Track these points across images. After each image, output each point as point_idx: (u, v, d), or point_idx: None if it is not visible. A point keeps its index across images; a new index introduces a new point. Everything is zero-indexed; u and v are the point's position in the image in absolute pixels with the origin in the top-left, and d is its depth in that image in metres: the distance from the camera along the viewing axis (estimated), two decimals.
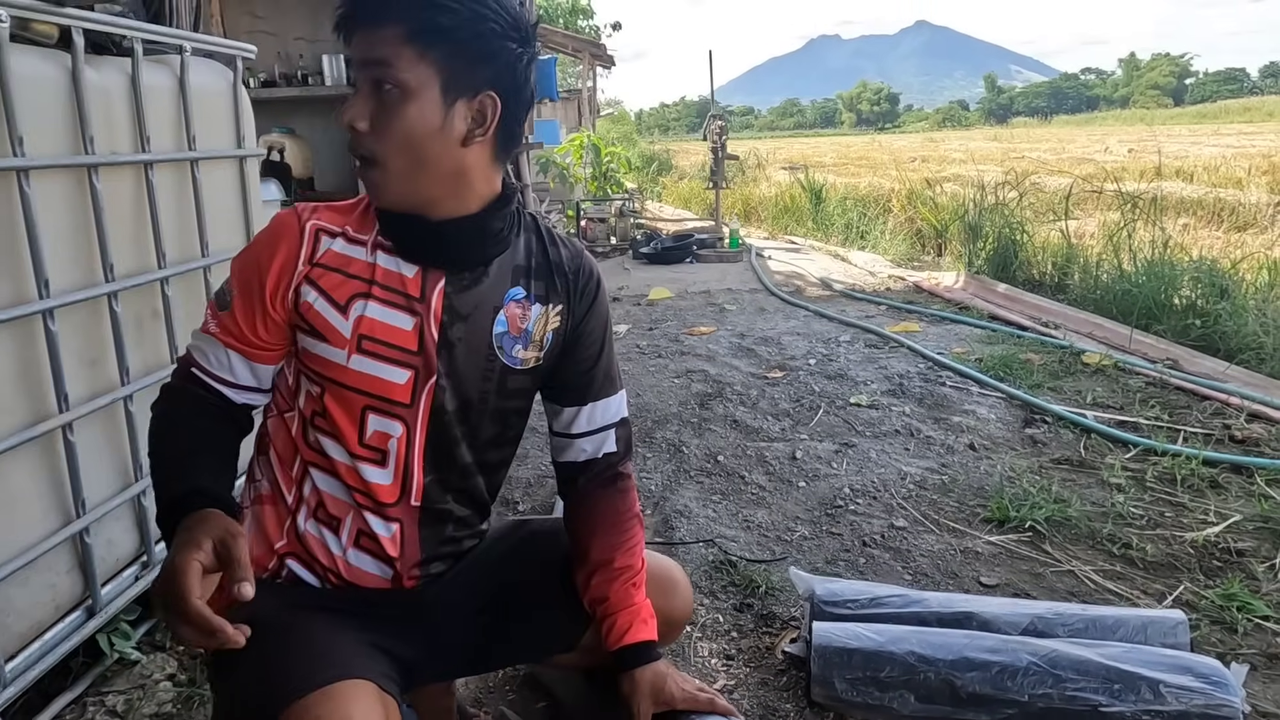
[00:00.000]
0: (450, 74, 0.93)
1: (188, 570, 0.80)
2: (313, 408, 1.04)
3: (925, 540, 2.06)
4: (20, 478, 1.39)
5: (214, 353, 1.02)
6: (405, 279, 1.02)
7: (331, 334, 1.00)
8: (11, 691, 1.35)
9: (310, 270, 1.00)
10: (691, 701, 1.14)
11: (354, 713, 0.85)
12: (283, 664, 0.90)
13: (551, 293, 1.11)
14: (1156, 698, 1.32)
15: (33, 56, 1.40)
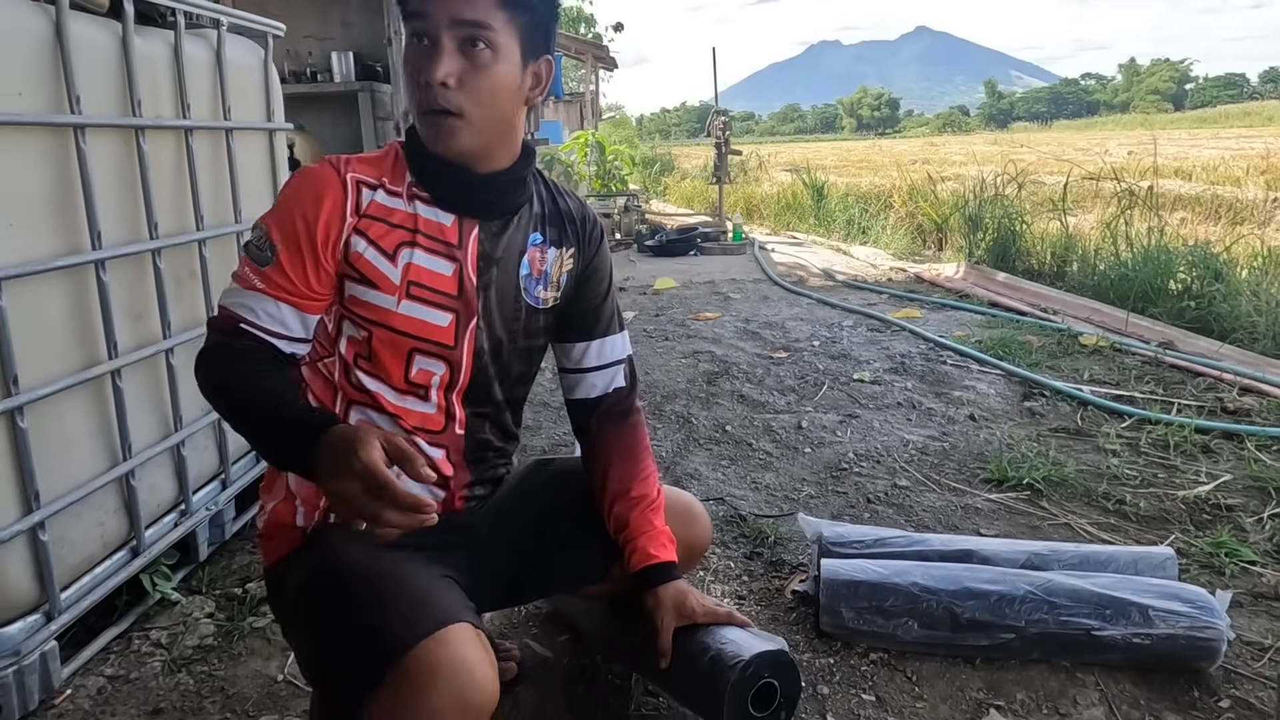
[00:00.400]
0: (527, 38, 1.02)
1: (379, 460, 0.83)
2: (356, 351, 1.08)
3: (927, 498, 2.15)
4: (75, 418, 1.48)
5: (262, 307, 1.02)
6: (444, 227, 1.08)
7: (382, 281, 1.05)
8: (66, 618, 1.44)
9: (359, 221, 1.04)
10: (711, 615, 1.21)
11: (467, 654, 0.89)
12: (386, 613, 0.93)
13: (564, 238, 1.20)
14: (1146, 621, 1.40)
15: (88, 23, 1.49)
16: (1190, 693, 1.39)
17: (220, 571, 1.85)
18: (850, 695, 1.40)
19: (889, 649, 1.50)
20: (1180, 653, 1.40)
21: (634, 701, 1.39)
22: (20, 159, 1.34)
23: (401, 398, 1.10)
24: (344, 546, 1.01)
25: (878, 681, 1.43)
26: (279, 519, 1.12)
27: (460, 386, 1.13)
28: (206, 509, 1.85)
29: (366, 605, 0.94)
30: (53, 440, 1.41)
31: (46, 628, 1.40)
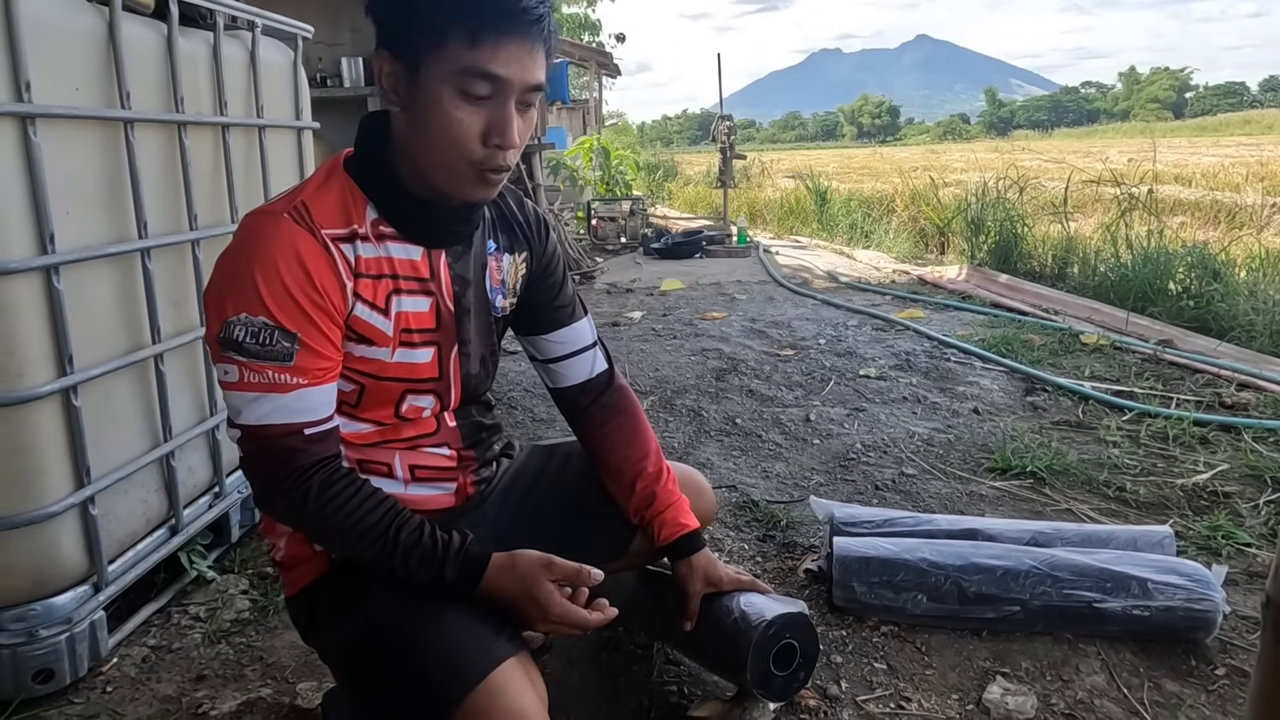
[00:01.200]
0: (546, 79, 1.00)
1: (552, 593, 0.97)
2: (347, 400, 1.05)
3: (933, 485, 2.21)
4: (121, 399, 1.55)
5: (311, 400, 0.95)
6: (415, 263, 1.04)
7: (379, 336, 1.02)
8: (113, 590, 1.50)
9: (356, 283, 0.99)
10: (735, 582, 1.27)
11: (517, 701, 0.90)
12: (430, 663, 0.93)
13: (515, 242, 1.18)
14: (1145, 594, 1.47)
15: (136, 23, 1.56)
16: (1188, 662, 1.45)
17: (251, 553, 1.92)
18: (863, 664, 1.47)
19: (899, 622, 1.56)
20: (1178, 624, 1.46)
21: (656, 669, 1.45)
22: (76, 150, 1.41)
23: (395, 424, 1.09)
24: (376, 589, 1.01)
25: (889, 651, 1.50)
26: (296, 550, 1.09)
27: (451, 408, 1.14)
28: (238, 492, 1.92)
29: (411, 655, 0.94)
30: (101, 420, 1.48)
31: (95, 598, 1.46)
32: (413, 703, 0.93)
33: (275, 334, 0.92)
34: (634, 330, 4.22)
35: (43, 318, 1.34)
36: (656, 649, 1.50)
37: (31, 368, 1.32)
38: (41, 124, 1.31)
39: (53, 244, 1.33)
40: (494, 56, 0.90)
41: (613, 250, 7.53)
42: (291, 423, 0.94)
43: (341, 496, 0.96)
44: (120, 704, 1.41)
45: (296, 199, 0.97)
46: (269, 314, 0.91)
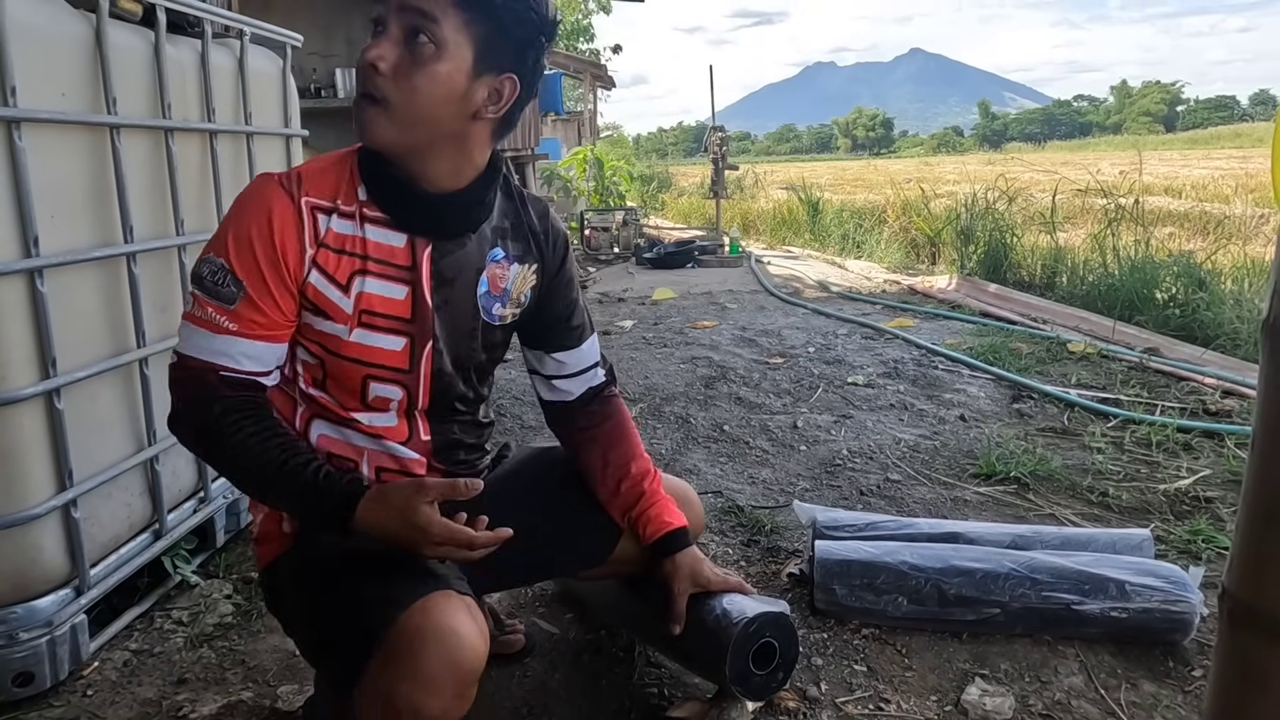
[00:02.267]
0: (485, 49, 0.98)
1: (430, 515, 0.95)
2: (311, 374, 1.08)
3: (918, 490, 2.22)
4: (105, 402, 1.56)
5: (238, 350, 0.99)
6: (395, 250, 1.05)
7: (335, 311, 1.03)
8: (94, 593, 1.50)
9: (317, 252, 1.01)
10: (723, 583, 1.27)
11: (454, 619, 0.94)
12: (373, 588, 0.98)
13: (527, 253, 1.18)
14: (1123, 596, 1.48)
15: (124, 30, 1.58)
16: (1165, 663, 1.46)
17: (236, 558, 1.92)
18: (843, 666, 1.47)
19: (880, 624, 1.57)
20: (1156, 625, 1.48)
21: (637, 671, 1.46)
22: (62, 155, 1.43)
23: (367, 414, 1.10)
24: (329, 539, 1.05)
25: (869, 654, 1.51)
26: (268, 527, 1.13)
27: (420, 406, 1.13)
28: (224, 497, 1.92)
29: (355, 584, 1.00)
30: (85, 423, 1.49)
31: (76, 601, 1.46)
32: (356, 621, 0.97)
33: (227, 277, 0.98)
34: (625, 339, 4.23)
35: (26, 321, 1.34)
36: (638, 651, 1.50)
37: (14, 370, 1.32)
38: (27, 129, 1.32)
39: (37, 247, 1.34)
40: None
41: (606, 260, 7.55)
42: (212, 362, 0.99)
43: (241, 425, 0.98)
44: (100, 707, 1.40)
45: (297, 168, 1.05)
46: (227, 259, 0.99)
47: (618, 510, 1.29)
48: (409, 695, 0.91)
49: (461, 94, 0.98)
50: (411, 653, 0.92)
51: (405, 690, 0.91)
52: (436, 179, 1.04)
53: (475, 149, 1.05)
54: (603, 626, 1.59)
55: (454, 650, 0.92)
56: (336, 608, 1.01)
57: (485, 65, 0.99)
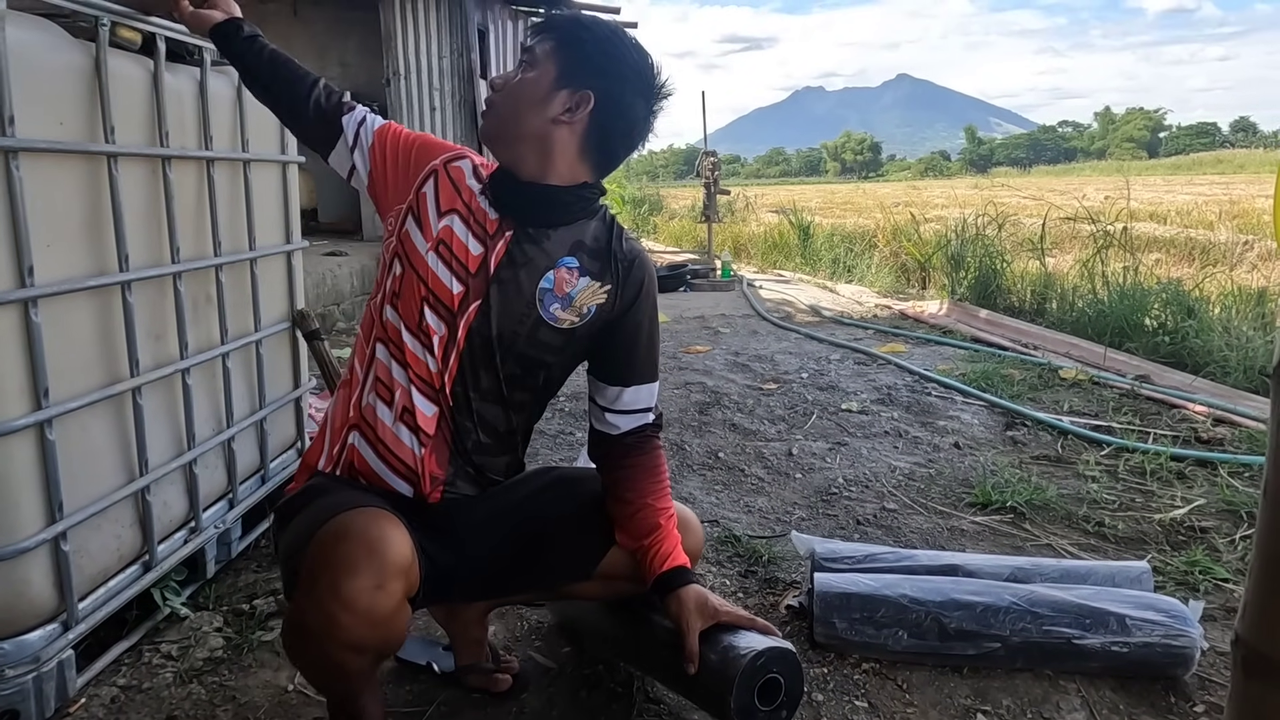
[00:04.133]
0: (566, 68, 1.22)
1: None
2: (394, 287, 1.26)
3: (914, 520, 2.22)
4: (97, 433, 1.53)
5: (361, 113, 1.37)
6: (489, 218, 1.25)
7: (425, 226, 1.25)
8: (82, 628, 1.47)
9: (442, 169, 1.28)
10: (733, 616, 1.27)
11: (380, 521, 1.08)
12: (328, 505, 1.14)
13: (604, 272, 1.28)
14: (1123, 630, 1.47)
15: (123, 59, 1.57)
16: (1167, 699, 1.45)
17: (227, 589, 1.89)
18: (844, 702, 1.46)
19: (880, 659, 1.56)
20: (1157, 660, 1.47)
21: (636, 708, 1.43)
22: (59, 184, 1.41)
23: (414, 340, 1.24)
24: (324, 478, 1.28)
25: (869, 689, 1.49)
26: (307, 459, 1.34)
27: (456, 351, 1.23)
28: (215, 527, 1.89)
29: (314, 507, 1.16)
30: (76, 453, 1.46)
31: (64, 636, 1.43)
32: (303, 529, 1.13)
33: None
34: None
35: (19, 350, 1.32)
36: (636, 687, 1.48)
37: (5, 401, 1.30)
38: (24, 157, 1.31)
39: (31, 277, 1.32)
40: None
41: None
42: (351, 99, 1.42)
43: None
44: None
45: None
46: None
47: (631, 536, 1.31)
48: (330, 577, 1.03)
49: (541, 98, 1.21)
50: (335, 540, 1.06)
51: (326, 574, 1.04)
52: (525, 169, 1.24)
53: (559, 154, 1.24)
54: (600, 660, 1.57)
55: (375, 540, 1.05)
56: (296, 526, 1.17)
57: (565, 80, 1.21)
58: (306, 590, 1.06)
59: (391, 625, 1.07)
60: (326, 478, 1.29)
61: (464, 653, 1.48)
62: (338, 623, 1.03)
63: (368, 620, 1.03)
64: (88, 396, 1.47)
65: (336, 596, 1.02)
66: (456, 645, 1.49)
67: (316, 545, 1.07)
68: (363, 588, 1.02)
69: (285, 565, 1.20)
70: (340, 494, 1.19)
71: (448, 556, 1.24)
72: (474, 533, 1.29)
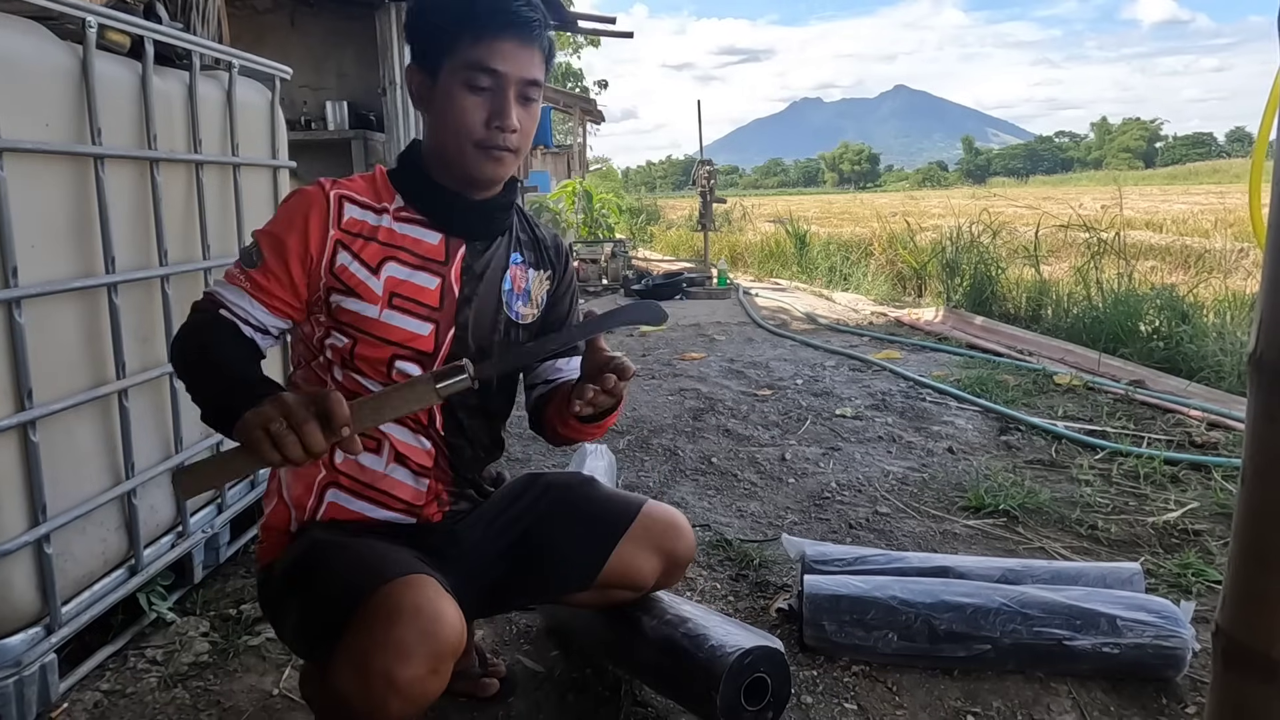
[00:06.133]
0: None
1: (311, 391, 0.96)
2: (341, 356, 1.16)
3: (907, 524, 2.21)
4: (82, 435, 1.53)
5: (241, 300, 1.11)
6: (429, 245, 1.18)
7: (365, 291, 1.14)
8: (66, 632, 1.46)
9: (340, 235, 1.14)
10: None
11: (431, 595, 0.99)
12: (355, 568, 1.04)
13: (541, 260, 1.31)
14: (1114, 631, 1.46)
15: (111, 61, 1.58)
16: (1159, 700, 1.44)
17: (214, 594, 1.87)
18: (833, 704, 1.45)
19: (870, 661, 1.55)
20: (1148, 661, 1.46)
21: (623, 712, 1.42)
22: (45, 185, 1.41)
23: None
24: (323, 530, 1.17)
25: (859, 692, 1.48)
26: (272, 523, 1.22)
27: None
28: (203, 531, 1.88)
29: (339, 566, 1.06)
30: (60, 456, 1.46)
31: (47, 640, 1.42)
32: (338, 598, 1.01)
33: (254, 249, 1.13)
34: None
35: (2, 351, 1.32)
36: (624, 690, 1.47)
37: None
38: (9, 158, 1.31)
39: (15, 277, 1.32)
40: (491, 52, 1.09)
41: (594, 292, 7.57)
42: (220, 299, 1.12)
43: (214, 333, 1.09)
44: None
45: (332, 179, 1.19)
46: (261, 236, 1.14)
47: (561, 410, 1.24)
48: (383, 663, 0.94)
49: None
50: (389, 621, 0.96)
51: (379, 658, 0.94)
52: (489, 191, 1.20)
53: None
54: (588, 664, 1.56)
55: (430, 622, 0.96)
56: (320, 584, 1.06)
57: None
58: (353, 671, 0.96)
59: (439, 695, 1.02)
60: (323, 529, 1.19)
61: None
62: (388, 709, 0.96)
63: (421, 704, 0.98)
64: (73, 398, 1.46)
65: (391, 684, 0.94)
66: None
67: (365, 624, 0.97)
68: (418, 676, 0.95)
69: (304, 624, 1.09)
70: (366, 550, 1.09)
71: (454, 578, 1.18)
72: (475, 551, 1.27)
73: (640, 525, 1.32)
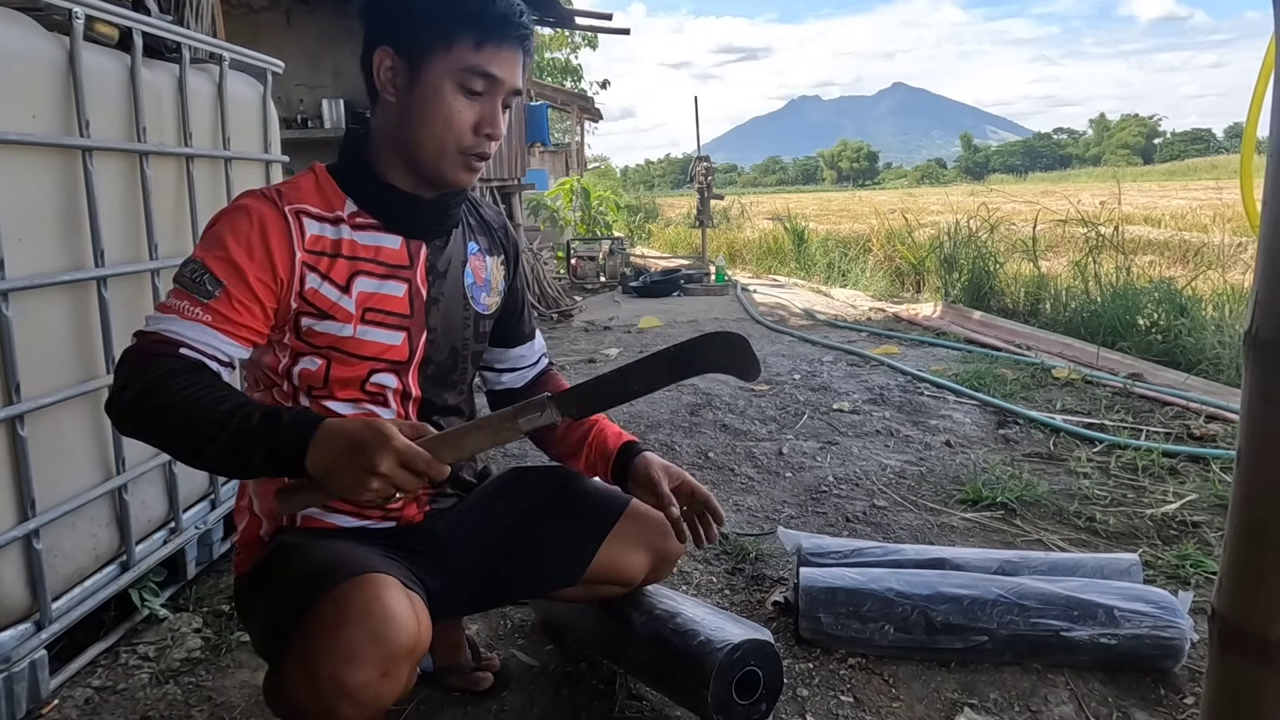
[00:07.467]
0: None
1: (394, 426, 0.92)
2: (310, 382, 1.11)
3: (904, 517, 2.20)
4: (72, 430, 1.52)
5: (202, 336, 0.98)
6: (391, 250, 1.12)
7: (337, 311, 1.08)
8: (56, 628, 1.45)
9: (305, 256, 1.05)
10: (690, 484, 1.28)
11: (382, 596, 0.95)
12: (315, 569, 1.00)
13: (494, 246, 1.29)
14: (1112, 622, 1.45)
15: (99, 53, 1.56)
16: (1156, 691, 1.43)
17: (207, 590, 1.86)
18: (829, 697, 1.44)
19: (866, 653, 1.54)
20: (1146, 652, 1.45)
21: (617, 705, 1.41)
22: (32, 177, 1.40)
23: (364, 402, 1.14)
24: (293, 534, 1.14)
25: (856, 684, 1.47)
26: (246, 537, 1.19)
27: (414, 398, 1.18)
28: (195, 528, 1.87)
29: (297, 568, 1.03)
30: (50, 450, 1.45)
31: (37, 636, 1.41)
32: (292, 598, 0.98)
33: (205, 276, 0.99)
34: (610, 366, 4.21)
35: None
36: (618, 684, 1.46)
37: None
38: None
39: (2, 270, 1.31)
40: (494, 59, 1.05)
41: (592, 289, 7.56)
42: (176, 337, 0.97)
43: (189, 379, 0.94)
44: None
45: (274, 186, 1.09)
46: (206, 261, 1.00)
47: (570, 447, 1.33)
48: (331, 668, 0.91)
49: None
50: (336, 624, 0.92)
51: (327, 663, 0.91)
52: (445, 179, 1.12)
53: None
54: (583, 658, 1.55)
55: (379, 624, 0.92)
56: (278, 591, 1.03)
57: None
58: (301, 676, 0.93)
59: (397, 699, 0.98)
60: (294, 533, 1.15)
61: (442, 654, 1.46)
62: (339, 713, 0.92)
63: (375, 708, 0.94)
64: (62, 393, 1.45)
65: (340, 689, 0.91)
66: (434, 648, 1.47)
67: (312, 624, 0.93)
68: (368, 680, 0.91)
69: (264, 629, 1.06)
70: (324, 551, 1.05)
71: (436, 578, 1.18)
72: (459, 549, 1.25)
73: (628, 520, 1.31)
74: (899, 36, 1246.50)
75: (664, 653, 1.22)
